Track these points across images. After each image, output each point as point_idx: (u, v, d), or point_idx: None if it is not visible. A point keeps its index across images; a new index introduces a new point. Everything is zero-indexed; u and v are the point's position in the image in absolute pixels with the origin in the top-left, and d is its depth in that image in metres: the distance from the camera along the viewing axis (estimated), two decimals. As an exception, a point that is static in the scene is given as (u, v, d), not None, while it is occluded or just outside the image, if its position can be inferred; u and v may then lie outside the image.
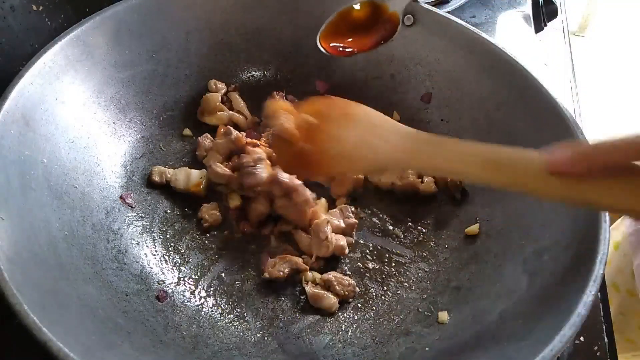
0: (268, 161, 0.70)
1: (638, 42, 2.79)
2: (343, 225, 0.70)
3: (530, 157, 0.40)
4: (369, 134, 0.47)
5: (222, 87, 0.81)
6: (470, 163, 0.43)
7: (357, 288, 0.66)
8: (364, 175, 0.74)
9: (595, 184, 0.38)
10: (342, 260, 0.69)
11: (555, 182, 0.38)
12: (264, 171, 0.68)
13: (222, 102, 0.80)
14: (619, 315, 0.91)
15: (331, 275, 0.65)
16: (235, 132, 0.74)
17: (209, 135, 0.77)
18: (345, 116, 0.48)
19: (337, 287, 0.64)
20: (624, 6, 2.97)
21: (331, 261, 0.68)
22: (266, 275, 0.65)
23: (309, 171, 0.54)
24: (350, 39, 0.72)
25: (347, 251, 0.68)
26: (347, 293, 0.64)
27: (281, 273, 0.65)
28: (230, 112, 0.80)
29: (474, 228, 0.69)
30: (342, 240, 0.68)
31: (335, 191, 0.74)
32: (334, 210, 0.71)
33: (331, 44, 0.72)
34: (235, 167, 0.71)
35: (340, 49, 0.72)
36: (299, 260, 0.66)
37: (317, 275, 0.66)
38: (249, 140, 0.74)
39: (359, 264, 0.69)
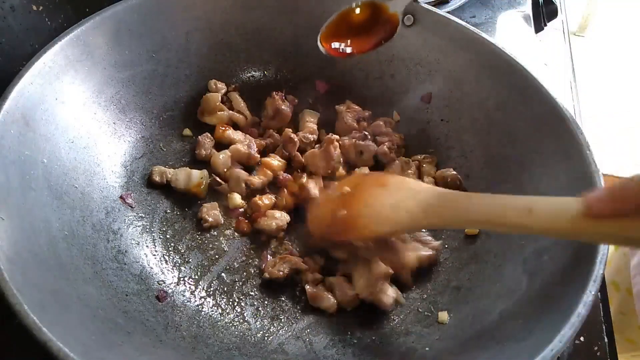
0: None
1: (638, 42, 2.79)
2: (429, 252, 0.67)
3: (566, 204, 0.42)
4: (398, 198, 0.50)
5: (222, 87, 0.81)
6: (506, 215, 0.45)
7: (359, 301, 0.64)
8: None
9: (630, 222, 0.40)
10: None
11: (592, 224, 0.41)
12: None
13: (222, 102, 0.80)
14: (619, 314, 0.91)
15: (336, 279, 0.65)
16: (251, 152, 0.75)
17: (209, 135, 0.77)
18: (377, 184, 0.51)
19: (337, 292, 0.64)
20: (624, 6, 2.97)
21: (332, 261, 0.69)
22: (266, 275, 0.65)
23: (343, 235, 0.57)
24: (351, 40, 0.72)
25: (391, 308, 0.64)
26: (345, 302, 0.64)
27: (281, 273, 0.65)
28: (230, 112, 0.80)
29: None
30: (391, 296, 0.63)
31: None
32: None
33: (332, 45, 0.72)
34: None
35: (341, 49, 0.72)
36: (299, 260, 0.66)
37: (318, 276, 0.66)
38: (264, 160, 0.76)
39: (359, 264, 0.69)
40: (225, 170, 0.74)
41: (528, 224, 0.44)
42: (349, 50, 0.72)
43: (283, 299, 0.65)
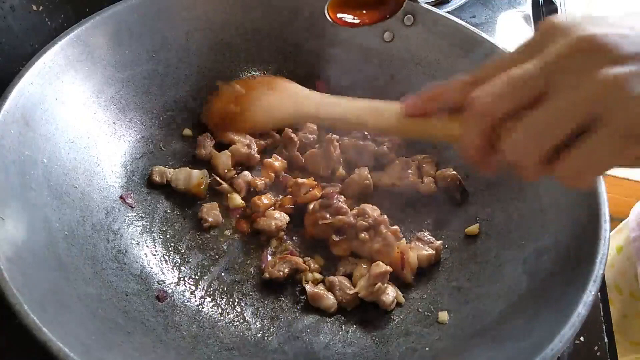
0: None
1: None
2: (430, 252, 0.68)
3: (392, 106, 0.51)
4: (282, 97, 0.60)
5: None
6: (355, 111, 0.54)
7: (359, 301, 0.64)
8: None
9: (434, 120, 0.48)
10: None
11: (409, 121, 0.49)
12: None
13: None
14: (622, 317, 0.91)
15: (337, 279, 0.65)
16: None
17: (209, 135, 0.77)
18: (267, 87, 0.61)
19: (337, 292, 0.64)
20: (624, 6, 2.97)
21: (332, 260, 0.69)
22: (266, 275, 0.65)
23: (231, 126, 0.65)
24: (358, 11, 0.74)
25: (392, 307, 0.64)
26: (345, 301, 0.64)
27: (281, 273, 0.65)
28: None
29: (474, 228, 0.69)
30: (391, 295, 0.64)
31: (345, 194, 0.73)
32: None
33: (338, 15, 0.73)
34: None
35: (347, 20, 0.73)
36: (299, 260, 0.66)
37: (318, 276, 0.66)
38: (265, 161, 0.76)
39: (359, 264, 0.69)
40: (225, 170, 0.74)
41: (368, 122, 0.53)
42: (355, 20, 0.73)
43: (283, 299, 0.65)
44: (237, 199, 0.72)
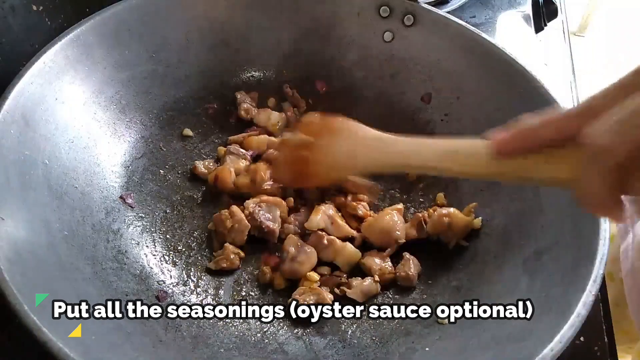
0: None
1: (638, 42, 2.79)
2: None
3: (477, 145, 0.45)
4: (357, 143, 0.56)
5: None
6: (430, 157, 0.49)
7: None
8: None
9: (531, 159, 0.41)
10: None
11: (501, 164, 0.43)
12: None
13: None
14: (614, 306, 0.90)
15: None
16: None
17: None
18: (330, 132, 0.57)
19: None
20: (624, 6, 2.97)
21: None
22: (297, 297, 0.63)
23: (304, 181, 0.63)
24: None
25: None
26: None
27: (305, 302, 0.63)
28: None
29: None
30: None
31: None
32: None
33: None
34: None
35: None
36: (324, 291, 0.64)
37: (315, 276, 0.66)
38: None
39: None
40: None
41: (449, 167, 0.48)
42: None
43: (282, 299, 0.65)
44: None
